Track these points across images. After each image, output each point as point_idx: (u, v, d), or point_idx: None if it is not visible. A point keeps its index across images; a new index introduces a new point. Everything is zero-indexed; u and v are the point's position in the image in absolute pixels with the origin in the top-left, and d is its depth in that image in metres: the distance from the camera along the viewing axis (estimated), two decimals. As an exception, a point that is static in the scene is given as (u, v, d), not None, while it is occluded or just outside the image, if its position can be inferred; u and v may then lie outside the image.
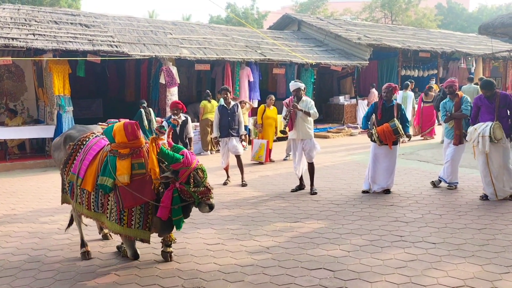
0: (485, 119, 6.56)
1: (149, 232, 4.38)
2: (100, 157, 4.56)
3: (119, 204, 4.29)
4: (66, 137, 5.03)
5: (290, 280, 4.10)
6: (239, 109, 8.45)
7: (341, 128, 15.98)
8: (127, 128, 4.38)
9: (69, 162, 4.75)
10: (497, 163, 6.51)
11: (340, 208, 6.47)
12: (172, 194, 4.21)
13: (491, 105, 6.57)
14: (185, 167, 4.20)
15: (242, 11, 39.08)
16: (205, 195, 4.25)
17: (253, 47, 15.39)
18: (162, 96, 12.99)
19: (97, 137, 4.86)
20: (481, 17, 42.15)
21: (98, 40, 12.02)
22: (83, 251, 4.80)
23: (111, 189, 4.35)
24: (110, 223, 4.39)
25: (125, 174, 4.30)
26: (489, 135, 6.33)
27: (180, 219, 4.35)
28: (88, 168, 4.55)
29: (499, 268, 4.21)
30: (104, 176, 4.38)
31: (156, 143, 4.26)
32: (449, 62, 19.92)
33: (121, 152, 4.38)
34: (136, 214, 4.29)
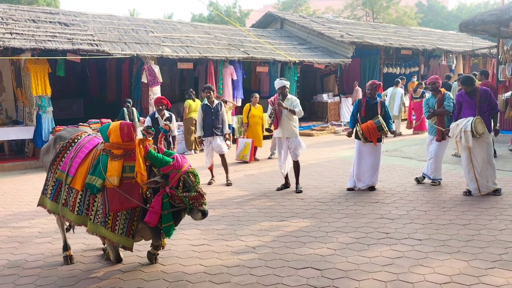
0: (467, 115, 6.62)
1: (132, 239, 4.18)
2: (93, 156, 4.38)
3: (105, 206, 4.12)
4: (56, 138, 4.83)
5: (277, 280, 4.05)
6: (223, 107, 8.37)
7: (325, 126, 16.02)
8: (123, 129, 4.22)
9: (57, 160, 4.54)
10: (481, 158, 6.57)
11: (326, 206, 6.45)
12: (162, 200, 4.04)
13: (472, 100, 6.64)
14: (175, 170, 4.04)
15: (224, 9, 38.92)
16: (197, 201, 4.06)
17: (236, 45, 15.30)
18: (144, 95, 12.82)
19: (90, 136, 4.68)
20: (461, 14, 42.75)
21: (78, 39, 11.79)
22: (65, 255, 4.64)
23: (99, 190, 4.17)
24: (93, 225, 4.21)
25: (115, 176, 4.13)
26: (470, 130, 6.39)
27: (170, 226, 4.17)
28: (79, 166, 4.35)
29: (485, 263, 4.23)
30: (94, 175, 4.21)
31: (143, 145, 4.11)
32: (430, 59, 20.14)
33: (114, 153, 4.22)
34: (121, 219, 4.12)
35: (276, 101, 7.31)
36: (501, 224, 5.31)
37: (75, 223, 4.40)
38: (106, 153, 4.26)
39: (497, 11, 11.59)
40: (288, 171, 7.57)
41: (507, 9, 11.24)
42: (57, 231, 5.70)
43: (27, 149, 11.31)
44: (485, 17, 11.66)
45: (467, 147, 6.54)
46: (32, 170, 10.37)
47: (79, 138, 4.62)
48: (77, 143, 4.55)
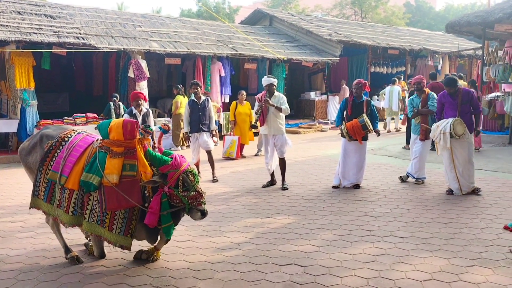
0: (449, 115, 6.72)
1: (130, 239, 4.11)
2: (89, 154, 4.24)
3: (102, 205, 4.05)
4: (42, 136, 4.55)
5: (260, 277, 4.07)
6: (210, 104, 8.35)
7: (312, 123, 16.10)
8: (126, 126, 4.13)
9: (47, 160, 4.32)
10: (462, 158, 6.67)
11: (311, 203, 6.49)
12: (161, 199, 3.99)
13: (453, 101, 6.73)
14: (174, 169, 4.00)
15: (213, 5, 38.77)
16: (196, 200, 4.03)
17: (224, 41, 15.27)
18: (131, 90, 12.67)
19: (81, 134, 4.52)
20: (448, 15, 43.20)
21: (64, 32, 11.65)
22: (70, 256, 4.42)
23: (96, 188, 4.07)
24: (89, 224, 4.13)
25: (114, 174, 4.03)
26: (449, 131, 6.48)
27: (170, 226, 4.12)
28: (74, 165, 4.19)
29: (465, 261, 4.31)
30: (90, 173, 4.10)
31: (142, 144, 4.05)
32: (417, 60, 20.35)
33: (114, 150, 4.12)
34: (119, 218, 4.05)
35: (263, 98, 7.32)
36: (482, 223, 5.41)
37: (70, 224, 4.24)
38: (104, 150, 4.16)
39: (483, 13, 11.76)
40: (274, 169, 7.60)
41: (492, 11, 11.41)
42: (40, 226, 5.66)
43: (10, 143, 11.15)
44: (471, 18, 11.82)
45: (450, 147, 6.62)
46: (15, 164, 10.22)
47: (69, 137, 4.43)
48: (69, 142, 4.36)
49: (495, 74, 11.58)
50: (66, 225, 4.28)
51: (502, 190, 6.95)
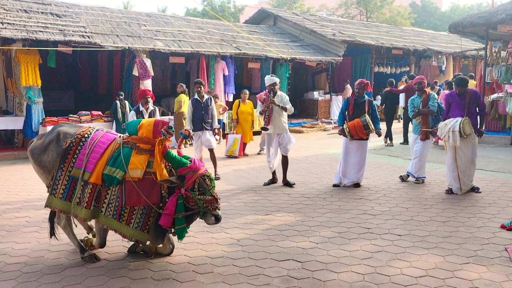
0: (455, 115, 6.78)
1: (147, 234, 4.16)
2: (112, 149, 4.30)
3: (122, 200, 4.10)
4: (59, 133, 4.47)
5: (259, 271, 4.16)
6: (213, 102, 8.44)
7: (315, 123, 16.16)
8: (157, 125, 4.23)
9: (69, 157, 4.30)
10: (465, 158, 6.73)
11: (311, 201, 6.57)
12: (177, 201, 4.04)
13: (461, 101, 6.79)
14: (192, 172, 4.06)
15: (219, 4, 38.86)
16: (211, 205, 4.07)
17: (228, 40, 15.36)
18: (135, 88, 12.84)
19: (100, 131, 4.56)
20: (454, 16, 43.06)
21: (70, 31, 11.79)
22: (88, 254, 4.44)
23: (119, 182, 4.12)
24: (105, 218, 4.17)
25: (139, 169, 4.10)
26: (458, 130, 6.54)
27: (183, 229, 4.17)
28: (98, 161, 4.24)
29: (460, 258, 4.38)
30: (114, 167, 4.16)
31: (162, 145, 4.09)
32: (421, 60, 20.35)
33: (141, 147, 4.22)
34: (138, 213, 4.11)
35: (266, 98, 7.39)
36: (479, 222, 5.47)
37: (89, 218, 4.29)
38: (130, 146, 4.25)
39: (486, 14, 11.77)
40: (276, 167, 7.68)
41: (495, 12, 11.42)
42: (44, 221, 5.76)
43: (16, 140, 11.30)
44: (474, 19, 11.84)
45: (453, 147, 6.68)
46: (21, 160, 10.39)
47: (89, 134, 4.44)
48: (89, 138, 4.38)
49: (498, 75, 11.60)
50: (84, 219, 4.30)
51: (502, 190, 7.00)
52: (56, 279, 4.07)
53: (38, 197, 7.00)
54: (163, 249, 4.54)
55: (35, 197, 7.02)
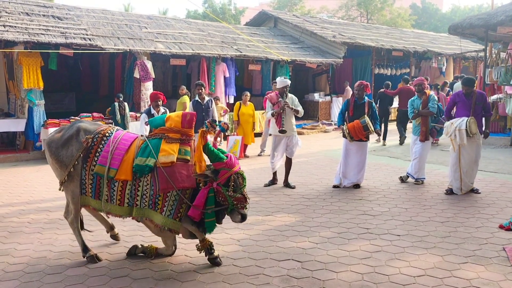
0: (461, 115, 6.82)
1: (179, 222, 4.17)
2: (137, 145, 4.36)
3: (155, 187, 4.14)
4: (79, 129, 4.49)
5: (259, 271, 4.20)
6: (213, 104, 8.49)
7: (315, 124, 16.20)
8: (185, 116, 4.36)
9: (91, 156, 4.34)
10: (469, 158, 6.77)
11: (311, 202, 6.61)
12: (208, 194, 4.07)
13: (468, 101, 6.83)
14: (227, 168, 4.09)
15: (219, 6, 38.94)
16: (241, 203, 4.09)
17: (229, 43, 15.42)
18: (136, 90, 12.91)
19: (121, 131, 4.63)
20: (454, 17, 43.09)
21: (71, 33, 11.85)
22: (89, 255, 4.48)
23: (151, 170, 4.16)
24: (140, 210, 4.21)
25: (172, 155, 4.17)
26: (465, 128, 6.58)
27: (212, 222, 4.18)
28: (123, 158, 4.28)
29: (459, 258, 4.42)
30: (144, 157, 4.21)
31: (204, 137, 4.11)
32: (421, 61, 20.39)
33: (170, 136, 4.31)
34: (170, 200, 4.13)
35: (277, 99, 7.36)
36: (477, 222, 5.51)
37: (126, 215, 4.34)
38: (159, 137, 4.34)
39: (485, 16, 11.82)
40: (277, 168, 7.71)
41: (494, 14, 11.47)
42: (47, 222, 5.84)
43: (18, 142, 11.36)
44: (473, 20, 11.89)
45: (458, 147, 6.71)
46: (23, 162, 10.44)
47: (110, 132, 4.50)
48: (112, 136, 4.43)
49: (498, 76, 11.63)
50: (123, 216, 4.38)
51: (501, 190, 7.03)
52: (58, 279, 4.12)
53: (40, 199, 7.06)
54: (165, 250, 4.59)
55: (37, 199, 7.07)
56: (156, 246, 4.65)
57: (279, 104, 7.33)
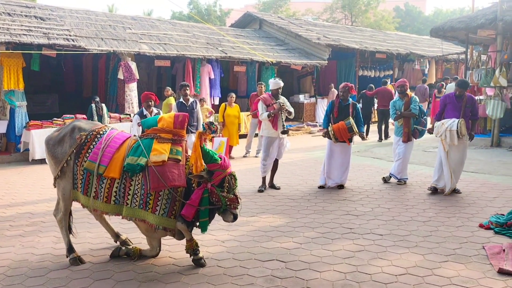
0: (451, 116, 6.94)
1: (174, 220, 4.19)
2: (128, 145, 4.40)
3: (146, 186, 4.16)
4: (74, 127, 4.59)
5: (243, 272, 4.22)
6: (198, 105, 8.49)
7: (300, 126, 16.27)
8: (177, 116, 4.43)
9: (83, 152, 4.40)
10: (456, 159, 6.89)
11: (296, 202, 6.65)
12: (202, 194, 4.12)
13: (458, 103, 6.96)
14: (221, 169, 4.14)
15: (205, 7, 38.91)
16: (233, 203, 4.18)
17: (214, 44, 15.42)
18: (120, 92, 12.83)
19: (115, 130, 4.67)
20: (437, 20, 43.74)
21: (54, 34, 11.72)
22: (72, 257, 4.45)
23: (142, 168, 4.18)
24: (130, 209, 4.21)
25: (163, 154, 4.20)
26: (456, 129, 6.70)
27: (206, 222, 4.23)
28: (114, 155, 4.32)
29: (439, 257, 4.49)
30: (136, 156, 4.25)
31: (202, 139, 4.16)
32: (404, 63, 20.66)
33: (162, 136, 4.35)
34: (163, 199, 4.15)
35: (271, 101, 7.34)
36: (458, 222, 5.61)
37: (112, 213, 4.36)
38: (151, 137, 4.37)
39: (466, 19, 12.04)
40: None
41: (475, 17, 11.69)
42: (28, 224, 5.76)
43: (0, 144, 11.18)
44: (455, 23, 12.10)
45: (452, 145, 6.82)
46: (4, 164, 10.28)
47: (104, 131, 4.55)
48: (105, 134, 4.49)
49: (478, 78, 11.86)
50: (109, 214, 4.40)
51: (481, 190, 7.17)
52: (41, 282, 4.08)
53: (22, 201, 6.97)
54: (149, 252, 4.58)
55: (19, 201, 6.98)
56: (140, 248, 4.64)
57: (273, 106, 7.33)
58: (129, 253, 4.58)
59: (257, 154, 11.00)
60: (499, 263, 4.24)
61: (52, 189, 7.57)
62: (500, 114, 10.87)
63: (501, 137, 11.31)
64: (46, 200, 7.02)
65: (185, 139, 4.48)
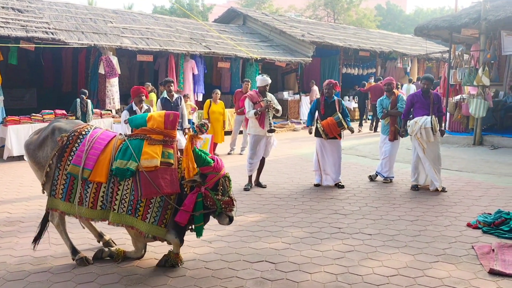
0: (420, 114, 6.96)
1: (165, 229, 4.02)
2: (114, 146, 4.14)
3: (137, 192, 3.94)
4: (54, 129, 4.31)
5: (232, 274, 4.10)
6: (183, 102, 8.32)
7: (284, 123, 16.21)
8: (168, 116, 4.16)
9: (65, 155, 4.13)
10: (433, 155, 6.93)
11: (283, 201, 6.56)
12: (196, 199, 3.95)
13: (426, 101, 6.97)
14: (215, 172, 3.98)
15: (187, 2, 38.45)
16: (228, 206, 4.03)
17: (198, 39, 15.21)
18: (101, 87, 12.54)
19: (99, 129, 4.40)
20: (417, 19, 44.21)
21: (33, 26, 11.37)
22: (79, 257, 4.26)
23: (133, 174, 3.96)
24: (118, 215, 3.99)
25: (155, 158, 3.98)
26: (431, 126, 6.71)
27: (201, 226, 4.10)
28: (99, 157, 4.07)
29: (429, 257, 4.46)
30: (125, 159, 3.99)
31: (193, 142, 3.96)
32: (387, 62, 20.78)
33: (153, 137, 4.11)
34: (154, 207, 3.96)
35: (257, 98, 7.21)
36: (446, 221, 5.60)
37: (98, 219, 4.13)
38: (140, 137, 4.13)
39: (450, 18, 12.11)
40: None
41: (459, 16, 11.77)
42: (6, 224, 5.53)
43: (-25, 140, 10.78)
44: (439, 22, 12.16)
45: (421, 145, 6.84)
46: (-20, 161, 9.93)
47: (87, 131, 4.28)
48: (88, 135, 4.21)
49: (461, 77, 11.96)
50: (95, 220, 4.16)
51: (466, 189, 7.20)
52: (20, 285, 3.89)
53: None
54: (134, 253, 4.41)
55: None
56: (124, 249, 4.47)
57: (260, 104, 7.20)
58: (113, 255, 4.41)
59: (241, 152, 10.89)
60: (489, 263, 4.23)
61: (31, 188, 7.36)
62: (482, 113, 10.98)
63: (483, 136, 11.43)
64: (24, 199, 6.77)
65: (176, 140, 4.27)
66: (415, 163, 7.14)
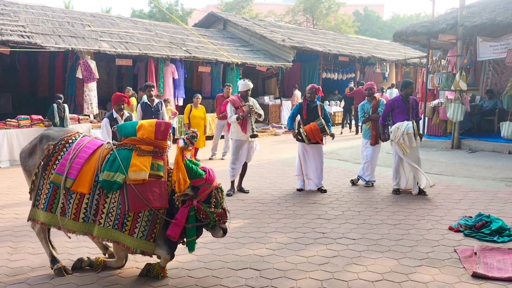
0: (400, 119, 7.01)
1: (153, 244, 3.86)
2: (100, 155, 3.98)
3: (124, 206, 3.78)
4: (42, 137, 4.22)
5: (216, 282, 4.03)
6: (163, 106, 8.21)
7: (266, 127, 16.20)
8: (159, 126, 3.99)
9: (50, 164, 4.01)
10: (414, 158, 6.99)
11: (266, 207, 6.52)
12: (188, 213, 3.79)
13: (405, 106, 7.04)
14: (207, 184, 3.84)
15: (166, 7, 38.23)
16: (222, 218, 3.89)
17: (178, 43, 15.10)
18: (79, 91, 12.29)
19: (87, 137, 4.24)
20: (394, 25, 45.00)
21: (8, 30, 11.08)
22: (57, 267, 4.13)
23: (120, 186, 3.79)
24: (104, 230, 3.81)
25: (143, 171, 3.81)
26: (413, 132, 6.76)
27: (193, 241, 3.94)
28: (83, 167, 3.92)
29: (413, 261, 4.47)
30: (112, 171, 3.83)
31: (183, 154, 3.83)
32: (366, 67, 21.03)
33: (143, 148, 3.95)
34: (142, 221, 3.80)
35: (240, 102, 7.15)
36: (428, 224, 5.64)
37: (80, 232, 3.94)
38: (129, 148, 3.96)
39: (428, 23, 12.33)
40: None
41: (436, 22, 11.99)
42: (-21, 234, 5.32)
43: None
44: (417, 28, 12.36)
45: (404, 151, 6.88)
46: (-49, 168, 9.60)
47: (74, 139, 4.15)
48: (74, 143, 4.08)
49: (439, 81, 12.16)
50: (77, 233, 3.97)
51: (446, 192, 7.29)
52: (-6, 298, 3.74)
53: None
54: (114, 263, 4.29)
55: (-32, 208, 6.47)
56: (104, 258, 4.35)
57: (242, 109, 7.14)
58: (93, 265, 4.28)
59: (223, 156, 10.82)
60: (472, 266, 4.26)
61: (6, 195, 7.15)
62: (460, 117, 11.17)
63: (461, 140, 11.63)
64: (3, 205, 6.56)
65: (166, 151, 4.12)
66: (396, 167, 7.21)
